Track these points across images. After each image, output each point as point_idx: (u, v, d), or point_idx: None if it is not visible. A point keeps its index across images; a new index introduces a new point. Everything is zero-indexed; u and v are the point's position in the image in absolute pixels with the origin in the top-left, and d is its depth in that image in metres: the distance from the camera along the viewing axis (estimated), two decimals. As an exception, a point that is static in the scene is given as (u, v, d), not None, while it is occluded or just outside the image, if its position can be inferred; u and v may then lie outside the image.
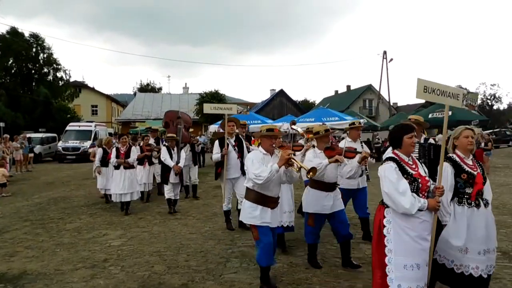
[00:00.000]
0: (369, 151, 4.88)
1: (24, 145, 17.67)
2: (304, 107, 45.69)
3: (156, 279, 4.37)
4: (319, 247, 5.34)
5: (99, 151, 9.27)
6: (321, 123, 6.12)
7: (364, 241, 5.66)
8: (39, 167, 19.55)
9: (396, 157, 3.13)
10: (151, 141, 10.11)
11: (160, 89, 58.93)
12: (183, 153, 8.24)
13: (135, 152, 8.16)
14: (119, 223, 7.05)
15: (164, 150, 7.91)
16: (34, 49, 33.64)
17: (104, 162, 8.91)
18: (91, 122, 27.28)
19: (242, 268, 4.66)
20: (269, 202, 3.89)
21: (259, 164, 3.73)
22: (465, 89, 64.20)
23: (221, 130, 8.45)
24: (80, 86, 46.53)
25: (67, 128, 24.76)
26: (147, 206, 8.58)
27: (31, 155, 19.05)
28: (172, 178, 7.78)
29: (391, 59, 30.60)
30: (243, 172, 6.03)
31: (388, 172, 3.03)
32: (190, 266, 4.76)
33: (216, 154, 6.40)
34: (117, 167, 7.92)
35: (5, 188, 10.57)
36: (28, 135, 20.23)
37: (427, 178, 3.13)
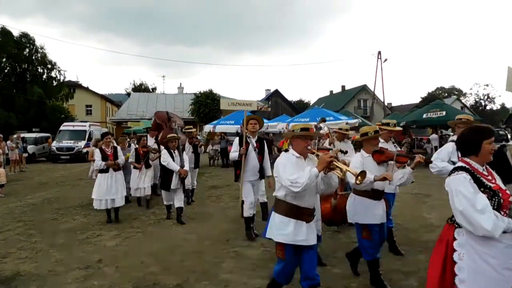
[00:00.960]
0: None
1: (20, 145, 17.60)
2: (299, 107, 45.79)
3: (150, 279, 4.35)
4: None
5: (97, 155, 8.93)
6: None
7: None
8: (33, 167, 19.41)
9: (468, 166, 2.58)
10: (151, 141, 9.46)
11: (154, 89, 58.66)
12: (185, 155, 7.52)
13: (121, 153, 7.51)
14: (114, 223, 7.01)
15: (164, 152, 7.08)
16: (27, 49, 33.42)
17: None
18: (86, 122, 27.14)
19: (237, 269, 4.65)
20: (304, 214, 3.26)
21: (294, 169, 3.19)
22: (458, 89, 64.68)
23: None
24: (74, 86, 46.27)
25: (61, 128, 24.61)
26: (142, 207, 8.52)
27: (25, 155, 18.99)
28: (174, 183, 7.02)
29: (386, 60, 30.74)
30: (261, 176, 5.93)
31: (461, 185, 2.47)
32: (185, 266, 4.75)
33: (234, 152, 5.94)
34: (105, 170, 7.08)
35: (1, 188, 10.50)
36: (22, 135, 20.13)
37: (507, 191, 2.57)
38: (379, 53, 30.54)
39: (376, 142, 4.15)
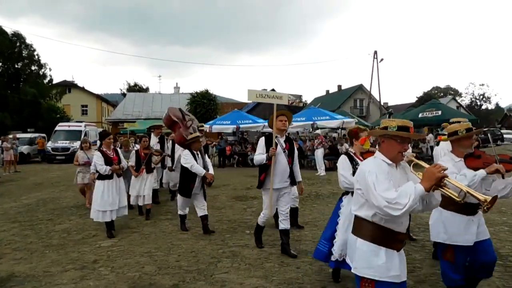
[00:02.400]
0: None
1: (16, 145, 17.54)
2: (295, 107, 45.82)
3: (146, 279, 4.34)
4: (310, 246, 5.36)
5: (95, 158, 8.27)
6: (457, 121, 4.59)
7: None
8: (28, 167, 19.30)
9: None
10: (154, 141, 8.65)
11: (147, 89, 58.42)
12: (207, 158, 6.62)
13: (122, 155, 6.70)
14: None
15: (187, 153, 6.14)
16: (17, 48, 33.27)
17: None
18: (81, 122, 27.03)
19: (233, 268, 4.65)
20: (397, 241, 2.55)
21: (388, 182, 2.41)
22: (455, 89, 64.94)
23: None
24: (70, 86, 46.17)
25: (57, 128, 24.51)
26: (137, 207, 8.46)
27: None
28: (196, 189, 6.19)
29: (382, 59, 30.83)
30: (292, 182, 5.13)
31: None
32: (181, 266, 4.74)
33: (259, 155, 5.03)
34: (108, 176, 6.16)
35: None
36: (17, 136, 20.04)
37: None
38: (375, 53, 30.64)
39: (469, 143, 3.45)
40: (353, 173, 3.53)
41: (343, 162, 4.00)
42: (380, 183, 2.39)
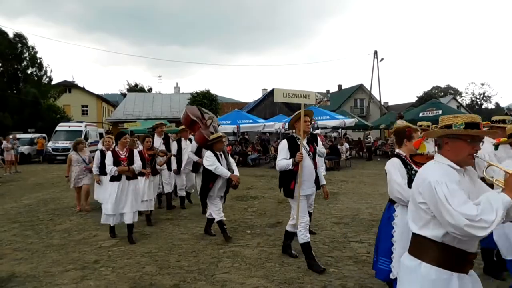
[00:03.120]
0: None
1: (16, 145, 17.56)
2: (295, 107, 45.79)
3: (147, 279, 4.34)
4: (314, 246, 5.37)
5: (96, 155, 7.40)
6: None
7: (356, 241, 5.70)
8: (28, 168, 19.32)
9: None
10: (157, 141, 8.07)
11: (150, 90, 58.49)
12: (231, 158, 6.21)
13: (138, 157, 6.22)
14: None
15: (210, 155, 5.76)
16: (19, 49, 33.32)
17: (104, 168, 7.00)
18: (82, 122, 27.04)
19: (234, 268, 4.65)
20: (469, 263, 2.13)
21: (461, 193, 1.95)
22: (455, 88, 64.95)
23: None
24: (70, 86, 46.23)
25: (57, 128, 24.51)
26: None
27: None
28: (217, 190, 5.89)
29: (382, 59, 30.82)
30: (318, 187, 4.86)
31: None
32: (181, 266, 4.74)
33: (283, 160, 4.52)
34: (116, 178, 5.90)
35: None
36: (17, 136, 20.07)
37: None
38: (376, 52, 30.63)
39: None
40: (409, 182, 3.09)
41: (397, 167, 3.29)
42: (454, 195, 1.91)
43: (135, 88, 56.48)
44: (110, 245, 5.71)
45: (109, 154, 5.98)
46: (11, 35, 32.86)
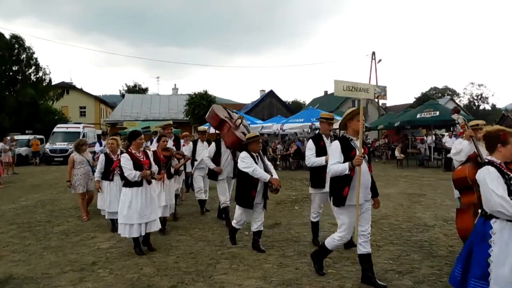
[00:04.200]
0: None
1: (14, 146, 17.52)
2: (294, 108, 45.87)
3: (145, 281, 4.33)
4: (309, 247, 5.37)
5: (101, 158, 6.90)
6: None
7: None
8: (26, 169, 19.27)
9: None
10: (169, 144, 7.21)
11: (146, 89, 58.45)
12: (266, 160, 5.58)
13: (152, 158, 5.71)
14: (108, 225, 6.97)
15: (246, 156, 5.16)
16: (16, 50, 33.27)
17: (107, 174, 6.73)
18: (79, 123, 27.01)
19: (232, 270, 4.64)
20: None
21: None
22: (453, 89, 65.15)
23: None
24: (68, 87, 46.12)
25: (55, 129, 24.48)
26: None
27: None
28: (258, 198, 5.28)
29: (380, 60, 30.93)
30: (374, 194, 4.37)
31: None
32: (179, 267, 4.74)
33: (337, 164, 3.98)
34: (138, 183, 5.22)
35: None
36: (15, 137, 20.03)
37: None
38: (373, 53, 30.71)
39: None
40: (509, 193, 2.81)
41: (494, 177, 2.88)
42: None
43: (134, 89, 56.44)
44: (108, 246, 5.70)
45: (127, 158, 5.19)
46: (8, 37, 32.81)
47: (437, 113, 17.07)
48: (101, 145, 11.51)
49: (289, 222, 6.87)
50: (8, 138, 17.96)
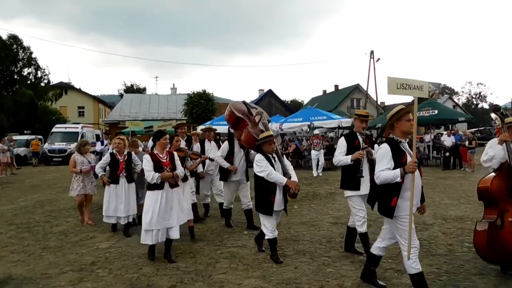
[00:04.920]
0: None
1: (13, 146, 17.49)
2: (292, 107, 45.89)
3: (144, 281, 4.33)
4: (308, 246, 5.38)
5: (105, 158, 6.58)
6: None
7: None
8: (24, 169, 19.25)
9: None
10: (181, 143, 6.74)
11: (144, 89, 58.39)
12: (286, 160, 5.13)
13: (179, 161, 5.31)
14: (107, 225, 6.96)
15: (260, 158, 4.77)
16: (14, 50, 33.24)
17: (116, 176, 6.34)
18: (78, 123, 26.96)
19: (231, 269, 4.65)
20: None
21: None
22: (450, 87, 65.21)
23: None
24: (66, 87, 46.08)
25: (53, 130, 24.44)
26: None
27: None
28: (278, 203, 4.84)
29: (378, 59, 30.88)
30: (422, 200, 3.92)
31: None
32: (179, 267, 4.74)
33: (386, 171, 3.53)
34: (158, 186, 4.89)
35: None
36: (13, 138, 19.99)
37: None
38: (372, 52, 30.69)
39: None
40: None
41: None
42: None
43: (132, 89, 56.36)
44: (107, 246, 5.70)
45: (148, 159, 4.92)
46: (5, 37, 32.79)
47: (436, 111, 17.08)
48: (102, 144, 11.39)
49: (288, 221, 6.87)
50: (7, 138, 17.94)
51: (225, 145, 6.62)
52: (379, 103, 36.47)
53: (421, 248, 5.24)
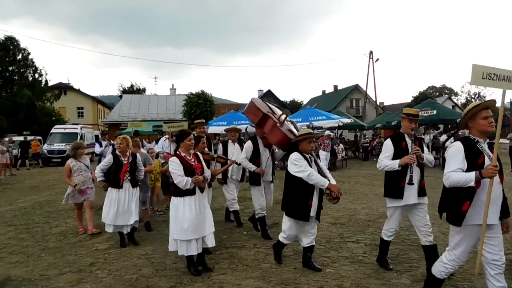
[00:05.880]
0: None
1: (12, 148, 17.46)
2: (292, 107, 45.90)
3: (143, 282, 4.33)
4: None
5: (107, 160, 5.95)
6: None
7: (352, 241, 5.72)
8: (23, 171, 19.22)
9: None
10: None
11: (143, 90, 58.42)
12: (321, 163, 4.72)
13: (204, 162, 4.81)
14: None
15: (298, 158, 4.36)
16: (11, 52, 33.28)
17: (117, 180, 5.70)
18: (77, 124, 26.94)
19: (231, 269, 4.65)
20: None
21: None
22: (450, 88, 65.22)
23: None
24: (65, 88, 46.08)
25: (52, 130, 24.40)
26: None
27: None
28: (314, 208, 4.42)
29: (377, 59, 30.97)
30: (504, 214, 3.30)
31: None
32: (178, 268, 4.73)
33: (459, 173, 3.10)
34: (190, 192, 4.41)
35: None
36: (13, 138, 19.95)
37: None
38: (371, 53, 30.75)
39: None
40: None
41: None
42: None
43: (131, 90, 56.34)
44: (106, 247, 5.69)
45: (177, 162, 4.42)
46: (2, 38, 32.87)
47: (435, 112, 17.09)
48: (101, 145, 11.22)
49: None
50: (6, 139, 17.91)
51: (248, 146, 6.00)
52: (378, 103, 36.50)
53: (420, 249, 5.23)
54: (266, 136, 5.66)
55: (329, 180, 4.34)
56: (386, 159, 4.28)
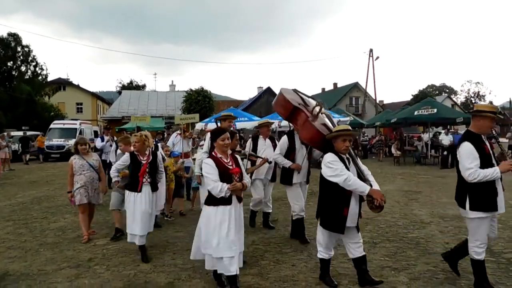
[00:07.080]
0: None
1: (11, 142, 17.45)
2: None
3: (142, 277, 4.33)
4: (306, 244, 5.38)
5: (124, 159, 5.23)
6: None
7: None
8: (22, 166, 19.20)
9: None
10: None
11: (143, 86, 58.37)
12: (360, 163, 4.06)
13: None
14: (104, 222, 6.97)
15: (333, 159, 3.75)
16: (12, 47, 33.25)
17: (136, 181, 4.99)
18: (76, 120, 26.92)
19: (229, 266, 4.64)
20: None
21: None
22: (450, 87, 65.17)
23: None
24: (64, 84, 46.01)
25: (51, 126, 24.39)
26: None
27: None
28: (352, 218, 3.77)
29: (377, 57, 30.96)
30: None
31: None
32: (176, 264, 4.74)
33: (479, 168, 3.44)
34: (226, 201, 3.73)
35: None
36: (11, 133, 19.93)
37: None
38: (371, 51, 30.73)
39: None
40: None
41: None
42: None
43: (131, 86, 56.25)
44: (104, 243, 5.69)
45: (211, 164, 3.75)
46: (4, 34, 32.85)
47: (434, 110, 17.10)
48: (102, 140, 10.99)
49: (286, 218, 6.87)
50: (5, 134, 17.89)
51: (284, 141, 5.49)
52: (377, 101, 36.50)
53: (418, 247, 5.28)
54: (297, 133, 5.16)
55: (370, 185, 3.73)
56: (478, 167, 3.50)
